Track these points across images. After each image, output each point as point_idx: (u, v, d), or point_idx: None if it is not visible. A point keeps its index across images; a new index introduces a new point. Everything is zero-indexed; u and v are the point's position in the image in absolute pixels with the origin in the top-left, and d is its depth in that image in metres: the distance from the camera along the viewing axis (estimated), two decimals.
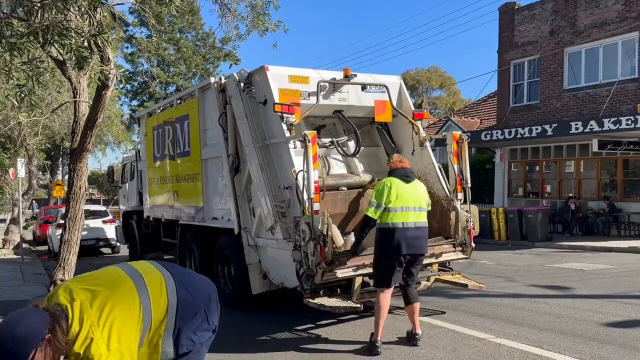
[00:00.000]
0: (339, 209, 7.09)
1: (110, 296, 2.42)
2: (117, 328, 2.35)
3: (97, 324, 2.32)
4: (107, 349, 2.30)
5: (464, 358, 5.27)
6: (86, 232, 16.14)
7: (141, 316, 2.48)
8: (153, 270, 2.73)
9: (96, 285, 2.49)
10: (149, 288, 2.58)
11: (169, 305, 2.60)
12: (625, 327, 6.27)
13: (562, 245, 14.73)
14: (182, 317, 2.64)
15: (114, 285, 2.52)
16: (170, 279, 2.70)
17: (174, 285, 2.67)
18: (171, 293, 2.63)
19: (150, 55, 28.06)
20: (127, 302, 2.45)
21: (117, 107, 28.43)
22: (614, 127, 14.55)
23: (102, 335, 2.30)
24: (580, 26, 18.09)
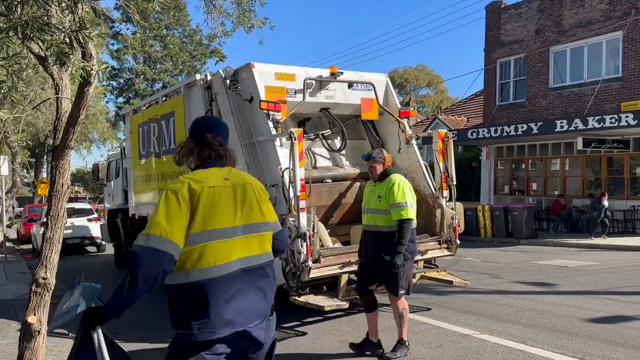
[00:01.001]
0: (323, 201, 7.10)
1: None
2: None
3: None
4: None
5: (449, 354, 5.31)
6: (71, 231, 16.00)
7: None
8: None
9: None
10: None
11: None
12: (608, 322, 6.35)
13: (547, 242, 14.88)
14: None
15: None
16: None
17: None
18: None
19: (136, 51, 27.85)
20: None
21: (103, 104, 28.17)
22: (598, 126, 14.73)
23: None
24: (565, 25, 18.27)
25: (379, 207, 5.10)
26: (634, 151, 16.59)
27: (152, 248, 2.26)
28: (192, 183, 2.38)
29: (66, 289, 2.94)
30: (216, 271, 2.36)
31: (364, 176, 7.57)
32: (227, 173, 2.51)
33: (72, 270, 12.89)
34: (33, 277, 4.55)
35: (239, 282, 2.40)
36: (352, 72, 7.77)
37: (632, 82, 16.44)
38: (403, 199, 4.98)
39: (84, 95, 4.12)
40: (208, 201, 2.37)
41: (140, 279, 2.28)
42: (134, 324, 7.28)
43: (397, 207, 4.98)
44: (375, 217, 5.14)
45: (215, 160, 2.52)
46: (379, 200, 5.10)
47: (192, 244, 2.33)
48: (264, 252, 2.53)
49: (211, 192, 2.39)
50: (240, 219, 2.45)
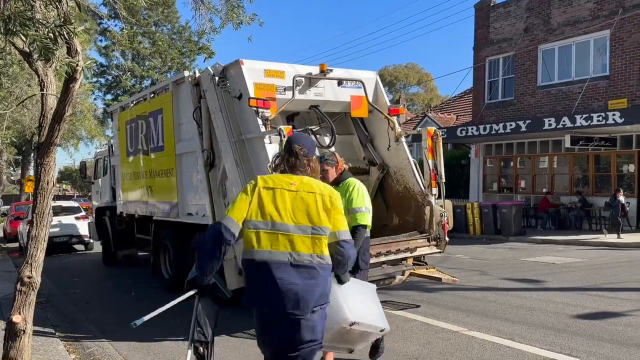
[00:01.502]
0: None
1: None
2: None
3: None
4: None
5: (437, 351, 5.33)
6: (58, 229, 15.83)
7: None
8: None
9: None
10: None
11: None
12: (594, 318, 6.41)
13: (535, 240, 14.99)
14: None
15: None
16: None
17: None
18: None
19: (124, 48, 27.62)
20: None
21: (90, 101, 27.91)
22: (586, 124, 14.85)
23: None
24: (554, 24, 18.38)
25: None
26: (621, 149, 16.75)
27: (218, 221, 3.08)
28: (260, 182, 2.99)
29: (53, 287, 3.04)
30: (259, 255, 2.88)
31: (353, 171, 7.56)
32: (296, 180, 3.00)
33: (59, 269, 12.78)
34: (18, 276, 4.50)
35: (281, 271, 2.84)
36: (341, 70, 7.75)
37: (619, 80, 16.58)
38: (362, 203, 4.64)
39: (69, 91, 4.07)
40: (266, 198, 2.93)
41: (206, 240, 2.97)
42: (122, 322, 7.23)
43: (355, 212, 4.61)
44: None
45: (291, 169, 3.05)
46: None
47: (247, 227, 2.92)
48: (314, 253, 2.90)
49: (270, 192, 2.94)
50: (293, 218, 2.91)
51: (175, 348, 5.84)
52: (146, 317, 3.20)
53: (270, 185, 2.96)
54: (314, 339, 2.92)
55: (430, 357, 5.15)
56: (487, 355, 5.15)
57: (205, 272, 3.02)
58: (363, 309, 3.48)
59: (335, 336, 3.38)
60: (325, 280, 2.95)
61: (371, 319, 3.51)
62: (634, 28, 16.21)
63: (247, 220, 2.91)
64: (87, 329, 6.95)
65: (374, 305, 3.66)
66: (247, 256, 2.94)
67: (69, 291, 9.67)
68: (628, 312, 6.64)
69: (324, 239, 2.94)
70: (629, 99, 16.08)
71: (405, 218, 7.52)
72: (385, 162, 7.79)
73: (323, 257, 2.93)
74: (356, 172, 7.64)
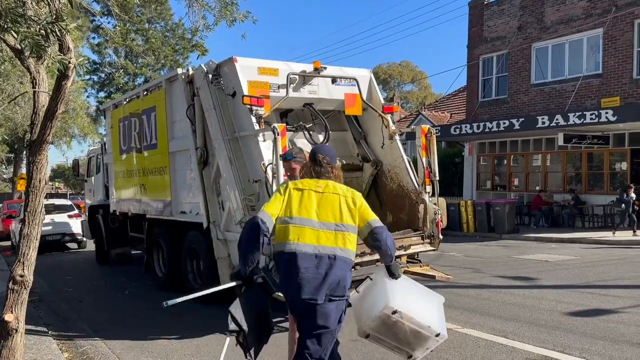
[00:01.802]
0: None
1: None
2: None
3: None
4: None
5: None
6: (51, 227, 15.75)
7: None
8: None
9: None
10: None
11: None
12: (587, 316, 6.44)
13: (529, 237, 15.06)
14: None
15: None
16: None
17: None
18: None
19: (117, 45, 27.47)
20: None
21: (83, 98, 27.75)
22: (579, 122, 14.92)
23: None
24: (547, 22, 18.44)
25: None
26: (614, 147, 16.84)
27: (254, 215, 3.40)
28: (291, 185, 3.47)
29: (46, 286, 3.07)
30: (288, 247, 3.27)
31: (346, 167, 7.58)
32: (322, 183, 3.46)
33: (52, 267, 12.71)
34: (10, 274, 4.47)
35: (305, 261, 3.24)
36: (335, 68, 7.74)
37: (611, 78, 16.67)
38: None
39: (61, 88, 4.04)
40: (296, 197, 3.37)
41: (245, 232, 3.34)
42: (116, 321, 7.21)
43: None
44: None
45: (317, 175, 3.51)
46: None
47: (279, 223, 3.33)
48: (336, 246, 3.29)
49: (299, 193, 3.39)
50: (319, 216, 3.32)
51: (169, 346, 5.82)
52: (179, 299, 3.40)
53: (300, 187, 3.43)
54: (326, 325, 3.26)
55: (424, 355, 5.15)
56: (480, 353, 5.17)
57: (246, 263, 3.33)
58: (413, 305, 3.52)
59: (381, 327, 3.49)
60: (344, 273, 3.29)
61: (420, 316, 3.51)
62: (626, 26, 16.29)
63: (279, 216, 3.33)
64: (80, 327, 6.92)
65: (432, 309, 3.69)
66: (278, 248, 3.34)
67: (62, 290, 9.62)
68: (620, 309, 6.69)
69: (347, 235, 3.32)
70: (621, 97, 16.16)
71: (399, 216, 7.52)
72: (378, 159, 7.80)
73: (344, 251, 3.31)
74: (349, 169, 7.64)
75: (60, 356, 5.45)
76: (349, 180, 7.53)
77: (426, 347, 3.67)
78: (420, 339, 3.58)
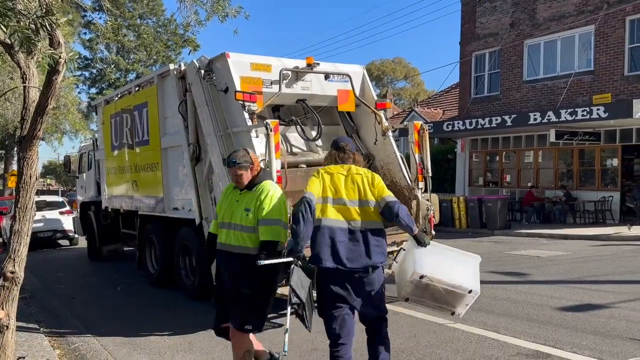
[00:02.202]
0: (298, 187, 7.09)
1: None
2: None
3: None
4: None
5: (423, 344, 5.36)
6: (42, 224, 15.67)
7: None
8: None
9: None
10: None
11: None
12: (578, 311, 6.50)
13: (520, 233, 15.13)
14: None
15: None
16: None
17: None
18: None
19: (109, 41, 27.29)
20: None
21: (75, 94, 27.55)
22: (571, 118, 14.99)
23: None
24: (539, 19, 18.51)
25: (247, 222, 4.02)
26: (605, 143, 16.95)
27: (302, 196, 3.81)
28: (322, 170, 3.99)
29: (38, 283, 3.05)
30: (324, 222, 3.79)
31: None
32: (346, 167, 3.99)
33: (44, 264, 12.64)
34: (1, 271, 4.44)
35: (340, 235, 3.76)
36: (328, 64, 7.73)
37: (603, 75, 16.76)
38: (276, 214, 4.01)
39: (52, 84, 4.01)
40: (327, 180, 3.91)
41: (298, 210, 3.72)
42: (108, 317, 7.19)
43: (265, 224, 3.97)
44: (241, 236, 4.03)
45: (342, 160, 4.03)
46: (246, 214, 4.03)
47: (317, 202, 3.81)
48: (363, 220, 3.82)
49: (329, 176, 3.92)
50: (347, 195, 3.86)
51: (162, 343, 5.81)
52: (269, 261, 3.80)
53: (329, 171, 3.97)
54: (373, 289, 3.84)
55: (417, 350, 5.18)
56: (472, 348, 5.19)
57: (301, 237, 3.68)
58: (441, 268, 3.99)
59: (416, 290, 4.02)
60: (376, 240, 3.82)
61: (448, 277, 3.98)
62: (618, 23, 16.38)
63: (318, 196, 3.82)
64: (72, 324, 6.89)
65: (464, 270, 4.16)
66: (316, 224, 3.77)
67: (54, 286, 9.57)
68: (611, 304, 6.75)
69: (369, 209, 3.84)
70: (613, 94, 16.26)
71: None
72: (371, 154, 7.81)
73: (372, 223, 3.84)
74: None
75: (52, 353, 5.43)
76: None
77: (465, 303, 4.12)
78: (456, 297, 4.05)
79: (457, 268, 4.12)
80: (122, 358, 5.39)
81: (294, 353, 5.25)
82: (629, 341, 5.25)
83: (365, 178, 3.93)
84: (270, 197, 4.03)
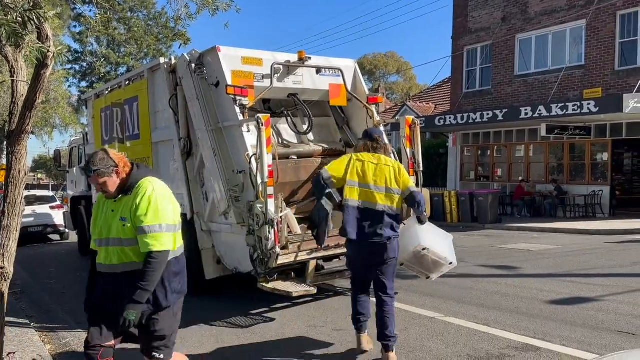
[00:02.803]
0: (288, 178, 7.10)
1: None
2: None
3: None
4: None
5: (414, 337, 5.40)
6: (33, 219, 15.57)
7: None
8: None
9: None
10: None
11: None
12: (567, 304, 6.56)
13: (511, 227, 15.23)
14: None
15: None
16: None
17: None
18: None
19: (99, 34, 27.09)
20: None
21: (65, 88, 27.31)
22: (561, 113, 15.08)
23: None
24: (531, 13, 18.56)
25: (126, 235, 3.37)
26: (595, 138, 17.07)
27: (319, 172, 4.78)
28: (354, 156, 4.75)
29: (28, 277, 2.98)
30: (351, 202, 4.61)
31: (329, 153, 7.62)
32: (377, 157, 4.74)
33: (34, 259, 12.57)
34: None
35: (364, 214, 4.60)
36: (320, 58, 7.70)
37: (594, 70, 16.86)
38: (155, 219, 3.31)
39: (40, 78, 3.97)
40: (358, 166, 4.66)
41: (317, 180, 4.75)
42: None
43: (144, 232, 3.29)
44: (123, 252, 3.40)
45: (374, 150, 4.77)
46: (123, 225, 3.36)
47: (347, 185, 4.63)
48: (385, 204, 4.61)
49: (360, 163, 4.67)
50: (373, 181, 4.61)
51: None
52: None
53: (360, 159, 4.70)
54: (391, 256, 4.67)
55: (407, 343, 5.21)
56: (462, 341, 5.23)
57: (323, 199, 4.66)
58: (435, 243, 4.99)
59: (413, 258, 5.00)
60: (391, 221, 4.61)
61: (440, 251, 5.01)
62: (609, 18, 16.46)
63: (347, 179, 4.59)
64: (63, 319, 6.86)
65: (447, 247, 5.15)
66: (345, 203, 4.61)
67: (44, 281, 9.52)
68: (600, 297, 6.81)
69: (394, 197, 4.61)
70: (603, 89, 16.37)
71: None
72: None
73: (392, 208, 4.62)
74: (332, 154, 7.69)
75: (43, 348, 5.41)
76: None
77: (440, 271, 5.18)
78: (438, 266, 5.10)
79: (444, 244, 5.12)
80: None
81: (285, 346, 5.27)
82: (617, 334, 5.31)
83: (392, 169, 4.68)
84: (147, 199, 3.29)
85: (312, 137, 7.66)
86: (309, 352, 5.10)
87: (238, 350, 5.25)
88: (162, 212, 3.32)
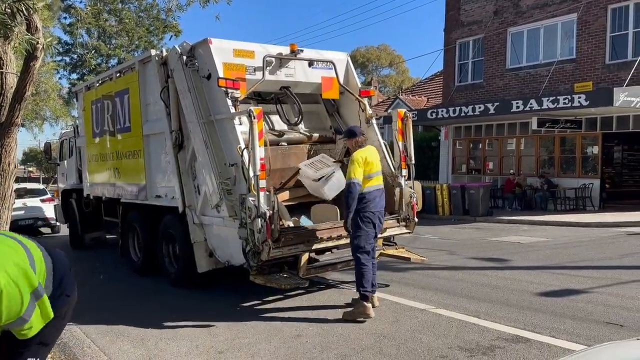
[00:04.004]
0: (278, 164, 7.11)
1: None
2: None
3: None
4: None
5: (406, 328, 5.43)
6: (24, 212, 15.45)
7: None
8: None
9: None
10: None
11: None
12: (557, 296, 6.62)
13: (502, 220, 15.33)
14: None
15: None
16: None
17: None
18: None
19: (89, 26, 26.81)
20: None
21: (55, 80, 27.08)
22: (552, 106, 15.15)
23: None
24: (523, 7, 18.59)
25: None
26: (586, 131, 17.18)
27: (351, 180, 5.87)
28: (358, 156, 5.87)
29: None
30: (367, 189, 5.88)
31: (320, 140, 7.63)
32: (367, 149, 6.05)
33: None
34: None
35: (378, 193, 6.00)
36: (312, 50, 7.69)
37: (585, 63, 16.93)
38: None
39: (30, 70, 3.94)
40: (366, 160, 5.88)
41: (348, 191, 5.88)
42: (91, 306, 7.15)
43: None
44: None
45: (365, 144, 6.07)
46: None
47: (366, 177, 5.85)
48: (381, 183, 6.11)
49: (365, 156, 5.89)
50: (376, 168, 6.00)
51: (145, 331, 5.80)
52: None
53: (362, 155, 5.90)
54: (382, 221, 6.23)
55: (399, 335, 5.25)
56: (453, 332, 5.28)
57: (349, 210, 5.84)
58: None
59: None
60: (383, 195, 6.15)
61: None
62: (600, 12, 16.53)
63: (366, 174, 5.86)
64: None
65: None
66: (367, 189, 5.87)
67: None
68: (589, 289, 6.89)
69: (381, 176, 6.14)
70: (594, 82, 16.45)
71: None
72: None
73: (382, 185, 6.13)
74: (323, 141, 7.72)
75: None
76: (323, 152, 7.60)
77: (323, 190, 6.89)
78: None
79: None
80: (105, 346, 5.37)
81: (278, 339, 5.29)
82: (606, 325, 5.37)
83: (375, 154, 6.14)
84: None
85: (301, 124, 7.68)
86: (302, 344, 5.12)
87: (230, 343, 5.26)
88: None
